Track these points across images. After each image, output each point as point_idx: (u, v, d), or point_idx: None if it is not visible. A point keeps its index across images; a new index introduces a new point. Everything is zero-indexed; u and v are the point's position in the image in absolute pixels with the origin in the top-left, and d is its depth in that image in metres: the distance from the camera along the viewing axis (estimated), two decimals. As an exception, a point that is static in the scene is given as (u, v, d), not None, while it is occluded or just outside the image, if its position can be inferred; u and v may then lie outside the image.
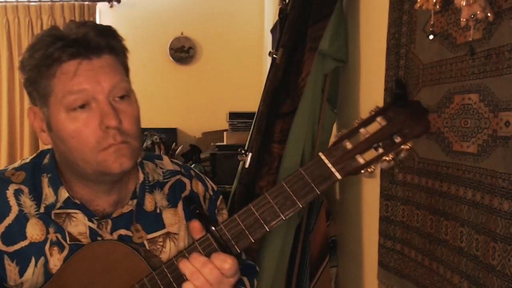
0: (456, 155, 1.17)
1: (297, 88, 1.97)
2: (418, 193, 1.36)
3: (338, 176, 0.89)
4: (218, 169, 3.65)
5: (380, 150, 0.88)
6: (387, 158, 0.88)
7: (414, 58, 1.38)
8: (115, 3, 4.58)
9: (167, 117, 4.57)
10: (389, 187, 1.52)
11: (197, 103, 4.62)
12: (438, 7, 1.18)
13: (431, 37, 1.23)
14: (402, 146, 0.88)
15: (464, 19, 1.03)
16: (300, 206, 0.89)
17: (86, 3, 4.55)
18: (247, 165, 2.15)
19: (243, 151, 2.22)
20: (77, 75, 0.96)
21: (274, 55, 2.19)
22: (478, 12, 1.00)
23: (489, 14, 1.00)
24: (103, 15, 4.63)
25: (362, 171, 0.89)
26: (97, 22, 4.54)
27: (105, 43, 0.98)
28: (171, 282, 0.94)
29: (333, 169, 0.89)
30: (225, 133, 3.86)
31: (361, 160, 0.89)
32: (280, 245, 1.96)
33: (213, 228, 0.93)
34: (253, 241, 0.92)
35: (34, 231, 1.03)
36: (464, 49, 1.13)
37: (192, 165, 3.86)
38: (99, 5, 4.59)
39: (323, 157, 0.89)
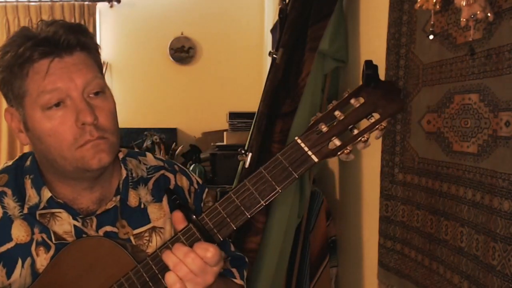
0: (456, 155, 1.17)
1: (297, 88, 1.97)
2: (418, 193, 1.36)
3: (315, 159, 0.90)
4: (218, 169, 3.65)
5: (355, 131, 0.90)
6: (362, 139, 0.89)
7: (414, 58, 1.38)
8: (115, 3, 4.58)
9: (167, 117, 4.57)
10: (389, 187, 1.52)
11: (197, 103, 4.62)
12: (438, 7, 1.18)
13: (431, 37, 1.23)
14: (377, 126, 0.88)
15: (464, 19, 1.04)
16: (280, 190, 0.90)
17: (86, 3, 4.55)
18: (247, 165, 2.15)
19: (243, 151, 2.22)
20: (49, 74, 0.96)
21: (274, 55, 2.19)
22: (478, 12, 1.00)
23: (489, 14, 1.00)
24: (103, 15, 4.63)
25: (339, 153, 0.90)
26: (97, 22, 4.56)
27: (76, 41, 0.98)
28: (156, 274, 0.94)
29: (309, 153, 0.90)
30: (225, 133, 3.85)
31: (337, 142, 0.90)
32: (280, 245, 1.96)
33: (194, 217, 0.93)
34: (234, 228, 0.92)
35: (19, 232, 1.03)
36: (464, 49, 1.13)
37: (192, 165, 3.86)
38: (99, 5, 4.59)
39: (299, 141, 0.90)
